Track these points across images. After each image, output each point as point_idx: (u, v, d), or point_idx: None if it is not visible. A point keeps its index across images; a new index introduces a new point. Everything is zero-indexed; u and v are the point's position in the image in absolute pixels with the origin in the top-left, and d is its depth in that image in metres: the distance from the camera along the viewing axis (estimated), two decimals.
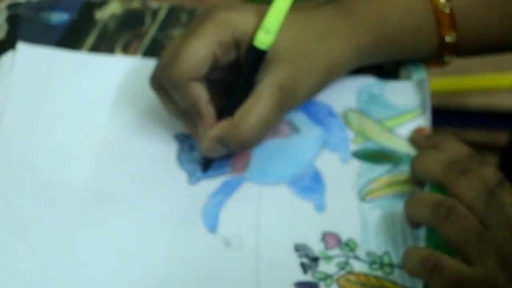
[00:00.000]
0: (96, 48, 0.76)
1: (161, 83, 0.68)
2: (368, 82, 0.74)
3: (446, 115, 0.72)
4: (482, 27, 0.73)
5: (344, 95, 0.73)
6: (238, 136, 0.66)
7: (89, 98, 0.73)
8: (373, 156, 0.71)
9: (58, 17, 0.77)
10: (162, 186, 0.69)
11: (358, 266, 0.67)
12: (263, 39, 0.66)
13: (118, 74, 0.74)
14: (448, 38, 0.72)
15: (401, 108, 0.73)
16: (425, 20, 0.71)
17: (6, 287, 0.65)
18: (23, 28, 0.76)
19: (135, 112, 0.73)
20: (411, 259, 0.64)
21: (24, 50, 0.75)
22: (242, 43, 0.67)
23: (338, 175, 0.70)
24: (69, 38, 0.76)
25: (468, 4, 0.72)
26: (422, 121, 0.73)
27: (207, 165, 0.70)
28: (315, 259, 0.67)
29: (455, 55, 0.73)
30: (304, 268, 0.67)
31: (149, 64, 0.74)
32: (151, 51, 0.76)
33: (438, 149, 0.68)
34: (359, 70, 0.74)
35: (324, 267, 0.67)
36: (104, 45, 0.76)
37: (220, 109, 0.68)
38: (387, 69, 0.75)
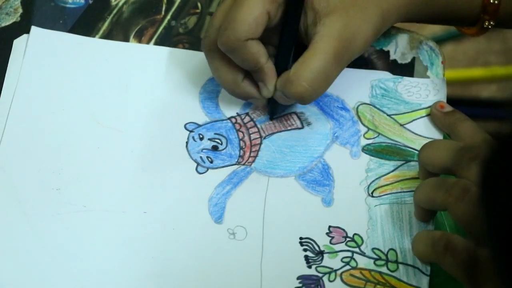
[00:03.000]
0: (110, 33, 0.75)
1: (215, 47, 0.67)
2: (383, 77, 0.74)
3: (457, 106, 0.71)
4: None
5: (357, 89, 0.73)
6: (294, 90, 0.66)
7: (100, 84, 0.73)
8: (384, 151, 0.71)
9: (74, 1, 0.77)
10: (170, 175, 0.69)
11: (363, 262, 0.67)
12: None
13: (131, 61, 0.74)
14: None
15: (414, 104, 0.73)
16: None
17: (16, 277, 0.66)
18: (38, 10, 0.76)
19: (146, 100, 0.72)
20: (422, 241, 0.63)
21: (37, 34, 0.74)
22: None
23: (347, 169, 0.70)
24: (84, 22, 0.76)
25: None
26: None
27: (273, 112, 0.71)
28: (320, 253, 0.67)
29: (495, 22, 0.72)
30: (308, 261, 0.66)
31: (162, 52, 0.74)
32: (165, 40, 0.75)
33: (453, 130, 0.68)
34: (374, 66, 0.74)
35: (329, 261, 0.66)
36: (118, 30, 0.76)
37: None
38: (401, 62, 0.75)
